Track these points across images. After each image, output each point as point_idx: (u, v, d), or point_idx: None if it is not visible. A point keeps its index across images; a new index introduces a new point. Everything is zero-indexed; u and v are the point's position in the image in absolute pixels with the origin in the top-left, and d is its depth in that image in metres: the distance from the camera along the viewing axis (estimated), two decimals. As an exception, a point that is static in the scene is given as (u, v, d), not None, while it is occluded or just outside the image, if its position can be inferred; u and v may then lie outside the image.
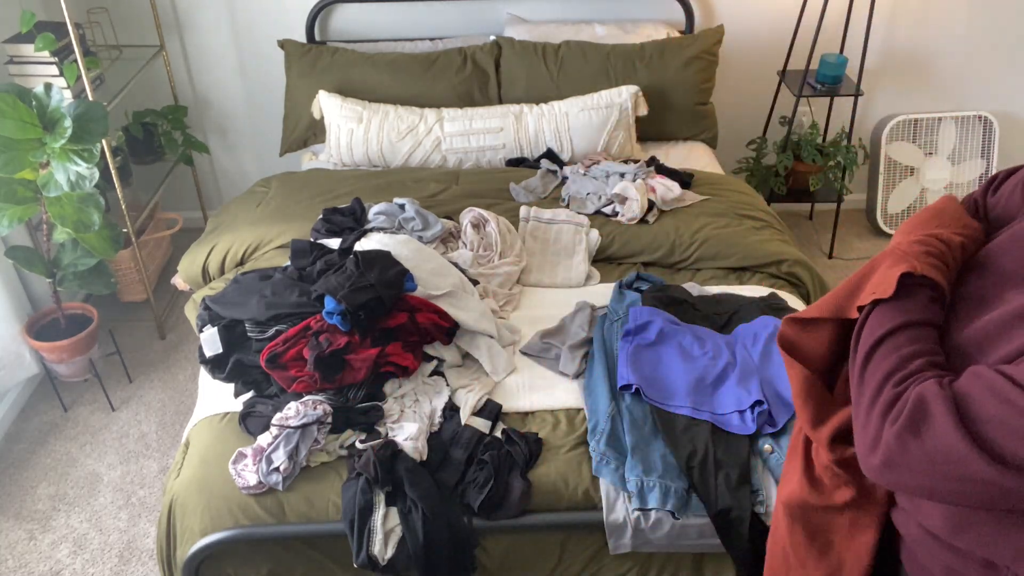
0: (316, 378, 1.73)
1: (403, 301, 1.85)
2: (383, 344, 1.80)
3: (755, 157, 3.41)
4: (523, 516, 1.63)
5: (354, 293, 1.76)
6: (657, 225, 2.39)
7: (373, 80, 2.89)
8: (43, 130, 2.24)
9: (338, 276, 1.84)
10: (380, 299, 1.78)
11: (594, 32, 3.09)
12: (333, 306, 1.76)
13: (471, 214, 2.34)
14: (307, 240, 2.15)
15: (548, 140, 2.79)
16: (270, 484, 1.64)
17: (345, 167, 2.85)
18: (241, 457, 1.68)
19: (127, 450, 2.53)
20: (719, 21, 3.24)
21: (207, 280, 2.38)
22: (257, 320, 1.84)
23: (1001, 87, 3.47)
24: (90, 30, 2.95)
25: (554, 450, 1.72)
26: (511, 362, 1.94)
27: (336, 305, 1.75)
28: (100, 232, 2.42)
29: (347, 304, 1.74)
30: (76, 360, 2.68)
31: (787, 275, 2.29)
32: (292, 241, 2.10)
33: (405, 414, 1.76)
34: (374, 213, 2.32)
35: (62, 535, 2.27)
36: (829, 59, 3.13)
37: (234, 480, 1.66)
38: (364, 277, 1.81)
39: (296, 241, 2.10)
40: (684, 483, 1.62)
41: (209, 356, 1.85)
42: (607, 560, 1.68)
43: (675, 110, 2.97)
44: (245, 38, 3.16)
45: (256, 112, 3.34)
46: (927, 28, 3.30)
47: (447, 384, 1.87)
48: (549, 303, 2.16)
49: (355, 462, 1.66)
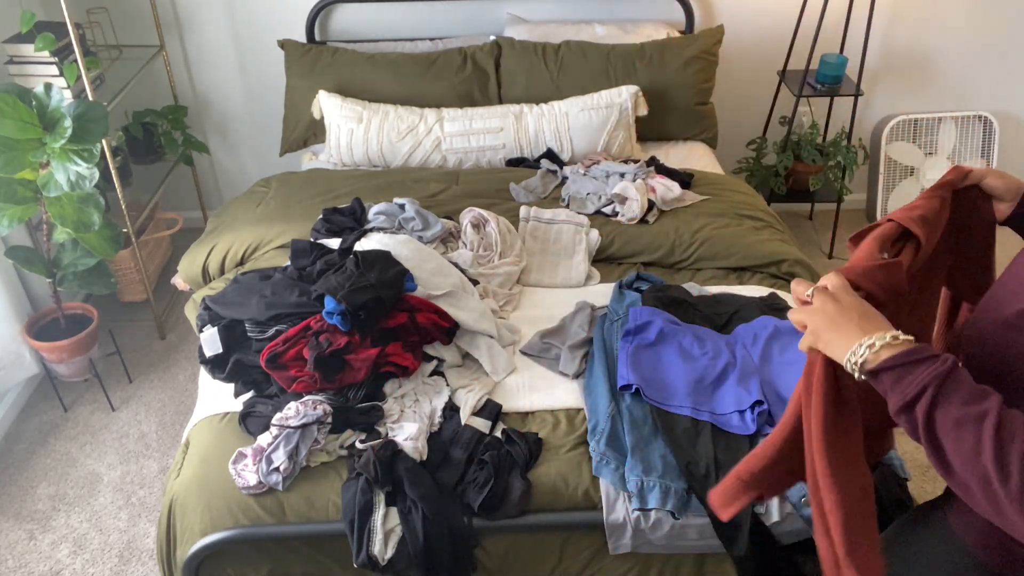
0: (316, 378, 1.73)
1: (403, 301, 1.86)
2: (383, 344, 1.80)
3: (755, 157, 3.41)
4: (523, 516, 1.63)
5: (354, 293, 1.76)
6: (657, 225, 2.39)
7: (373, 80, 2.89)
8: (43, 130, 2.24)
9: (338, 276, 1.84)
10: (380, 299, 1.79)
11: (594, 32, 3.09)
12: (333, 306, 1.76)
13: (471, 214, 2.34)
14: (307, 240, 2.15)
15: (548, 140, 2.79)
16: (270, 484, 1.64)
17: (345, 167, 2.85)
18: (241, 457, 1.68)
19: (127, 450, 2.53)
20: (719, 21, 3.24)
21: (207, 280, 2.38)
22: (257, 320, 1.84)
23: (1001, 87, 3.47)
24: (90, 30, 2.95)
25: (554, 450, 1.72)
26: (511, 362, 1.94)
27: (336, 305, 1.75)
28: (100, 232, 2.42)
29: (347, 304, 1.74)
30: (76, 360, 2.68)
31: (787, 275, 2.29)
32: (292, 241, 2.10)
33: (405, 414, 1.76)
34: (374, 213, 2.32)
35: (62, 535, 2.27)
36: (829, 59, 3.13)
37: (234, 480, 1.66)
38: (364, 277, 1.81)
39: (296, 241, 2.10)
40: (684, 483, 1.62)
41: (209, 356, 1.85)
42: (607, 560, 1.68)
43: (675, 110, 2.97)
44: (245, 38, 3.16)
45: (256, 112, 3.34)
46: (927, 28, 3.30)
47: (447, 384, 1.87)
48: (549, 303, 2.16)
49: (355, 462, 1.66)
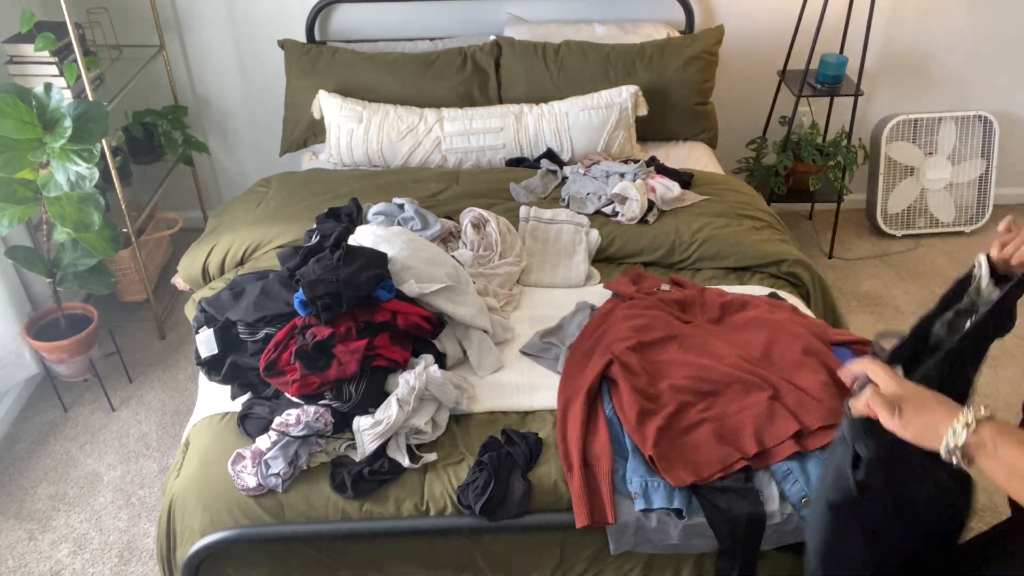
0: (308, 378, 1.72)
1: (377, 305, 1.84)
2: (370, 336, 1.79)
3: (755, 157, 3.41)
4: (523, 516, 1.63)
5: (314, 283, 1.76)
6: (657, 225, 2.39)
7: (373, 80, 2.89)
8: (43, 130, 2.24)
9: (319, 264, 1.84)
10: (337, 296, 1.76)
11: (594, 32, 3.09)
12: (299, 292, 1.78)
13: (471, 214, 2.34)
14: (291, 247, 2.16)
15: (548, 140, 2.79)
16: (269, 487, 1.64)
17: (345, 167, 2.85)
18: (240, 459, 1.67)
19: (127, 450, 2.53)
20: (719, 21, 3.24)
21: (207, 280, 2.38)
22: (246, 321, 1.84)
23: (1001, 87, 3.47)
24: (90, 30, 2.95)
25: (554, 450, 1.72)
26: (499, 360, 1.94)
27: (300, 291, 1.77)
28: (100, 232, 2.42)
29: (305, 291, 1.74)
30: (76, 360, 2.68)
31: (787, 275, 2.29)
32: (277, 252, 2.10)
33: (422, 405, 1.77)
34: (373, 213, 2.32)
35: (62, 535, 2.27)
36: (829, 59, 3.13)
37: (233, 481, 1.66)
38: (335, 271, 1.80)
39: (281, 251, 2.11)
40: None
41: (205, 357, 1.85)
42: (609, 560, 1.67)
43: (675, 110, 2.96)
44: (245, 38, 3.16)
45: (256, 112, 3.34)
46: (927, 28, 3.30)
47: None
48: (549, 303, 2.16)
49: (340, 471, 1.66)
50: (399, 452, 1.69)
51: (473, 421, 1.81)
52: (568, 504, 1.64)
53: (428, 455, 1.71)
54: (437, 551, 1.69)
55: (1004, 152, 3.61)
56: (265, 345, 1.81)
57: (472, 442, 1.75)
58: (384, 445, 1.70)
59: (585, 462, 1.65)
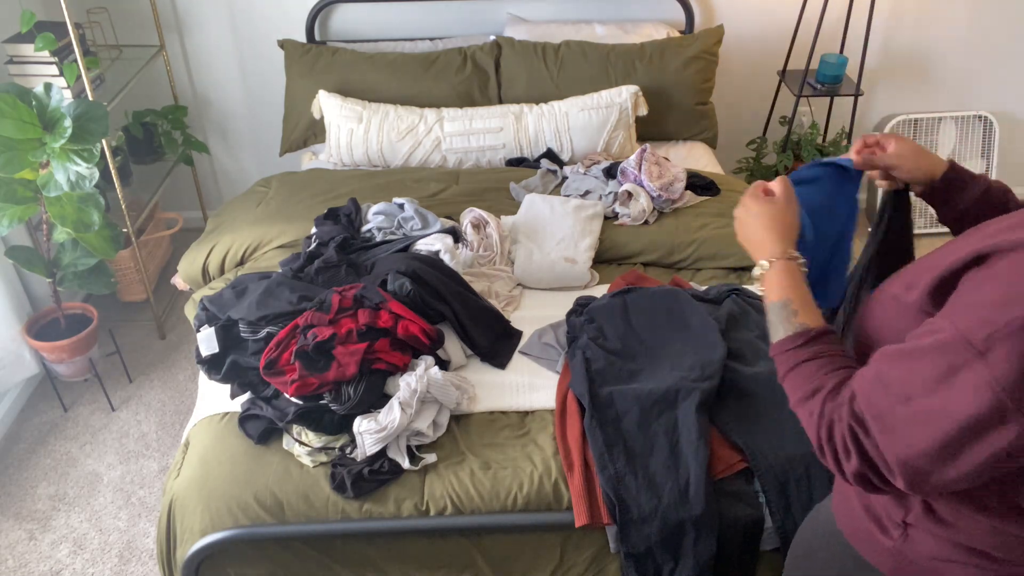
0: (307, 378, 1.71)
1: (383, 312, 1.85)
2: (371, 340, 1.79)
3: (755, 157, 3.41)
4: (523, 514, 1.64)
5: (392, 258, 1.94)
6: (657, 225, 2.40)
7: (373, 80, 2.89)
8: (43, 130, 2.24)
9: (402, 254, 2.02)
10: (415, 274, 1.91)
11: (594, 32, 3.09)
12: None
13: (472, 215, 2.34)
14: (292, 255, 2.18)
15: (548, 140, 2.79)
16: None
17: (345, 167, 2.85)
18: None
19: (127, 450, 2.53)
20: (719, 21, 3.24)
21: (207, 280, 2.38)
22: (248, 320, 1.84)
23: (1001, 87, 3.47)
24: (90, 30, 2.95)
25: (554, 450, 1.72)
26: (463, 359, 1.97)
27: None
28: (100, 232, 2.42)
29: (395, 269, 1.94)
30: (76, 360, 2.68)
31: (787, 275, 2.29)
32: (279, 262, 2.11)
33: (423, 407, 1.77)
34: (373, 213, 2.32)
35: (62, 535, 2.27)
36: (829, 59, 3.13)
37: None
38: (407, 263, 1.96)
39: (283, 260, 2.12)
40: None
41: (205, 356, 1.85)
42: (610, 560, 1.68)
43: (675, 110, 2.97)
44: (245, 38, 3.16)
45: (256, 112, 3.34)
46: (927, 28, 3.30)
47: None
48: (549, 303, 2.17)
49: (339, 470, 1.66)
50: (399, 454, 1.69)
51: (473, 421, 1.81)
52: (568, 504, 1.64)
53: (428, 456, 1.71)
54: (437, 551, 1.69)
55: (1004, 152, 3.60)
56: (266, 344, 1.81)
57: (472, 442, 1.75)
58: (384, 445, 1.70)
59: (585, 462, 1.66)
